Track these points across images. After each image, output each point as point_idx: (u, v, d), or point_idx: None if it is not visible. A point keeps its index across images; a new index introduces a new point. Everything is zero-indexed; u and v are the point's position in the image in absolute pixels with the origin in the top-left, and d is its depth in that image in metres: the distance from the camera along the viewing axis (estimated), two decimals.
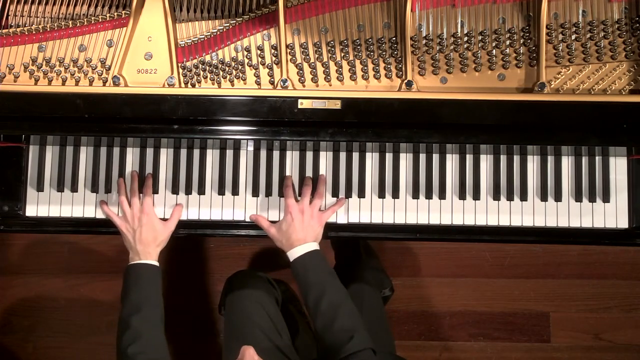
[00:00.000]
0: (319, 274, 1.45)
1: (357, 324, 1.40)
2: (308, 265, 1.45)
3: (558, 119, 1.42)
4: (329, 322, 1.39)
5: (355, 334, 1.36)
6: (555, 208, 1.55)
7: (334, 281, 1.46)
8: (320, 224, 1.51)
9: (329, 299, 1.41)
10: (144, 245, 1.47)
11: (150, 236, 1.48)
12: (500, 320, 2.35)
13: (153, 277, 1.47)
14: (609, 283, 2.36)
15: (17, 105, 1.43)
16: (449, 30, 1.47)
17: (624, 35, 1.46)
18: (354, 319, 1.41)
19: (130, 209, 1.51)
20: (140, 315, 1.39)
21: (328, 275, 1.46)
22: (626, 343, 2.35)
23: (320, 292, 1.41)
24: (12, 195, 1.55)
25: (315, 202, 1.51)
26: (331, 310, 1.39)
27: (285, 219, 1.50)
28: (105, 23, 1.49)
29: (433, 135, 1.44)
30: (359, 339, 1.36)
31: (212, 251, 2.37)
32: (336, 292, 1.44)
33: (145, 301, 1.42)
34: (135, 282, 1.45)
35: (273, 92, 1.46)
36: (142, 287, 1.44)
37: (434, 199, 1.56)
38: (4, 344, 2.36)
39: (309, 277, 1.44)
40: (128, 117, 1.43)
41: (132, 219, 1.50)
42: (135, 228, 1.49)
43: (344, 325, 1.38)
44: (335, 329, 1.38)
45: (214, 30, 1.49)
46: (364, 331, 1.40)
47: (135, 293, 1.43)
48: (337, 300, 1.42)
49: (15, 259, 2.37)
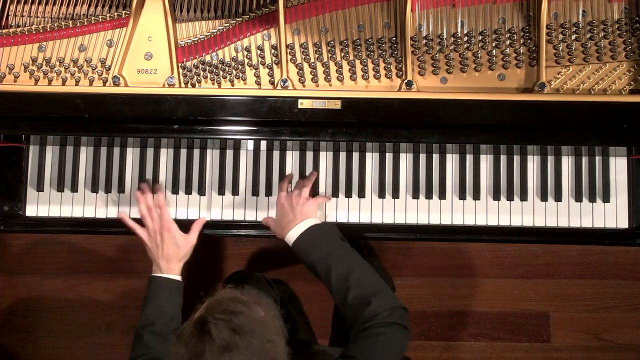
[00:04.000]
0: (318, 250, 1.41)
1: (371, 288, 1.35)
2: (306, 245, 1.42)
3: (558, 119, 1.42)
4: (344, 297, 1.35)
5: (373, 299, 1.32)
6: (555, 208, 1.55)
7: (337, 251, 1.42)
8: (312, 204, 1.48)
9: (336, 273, 1.37)
10: (166, 261, 1.48)
11: (172, 252, 1.48)
12: (500, 320, 2.35)
13: (172, 291, 1.47)
14: (609, 283, 2.35)
15: (17, 105, 1.43)
16: (449, 30, 1.47)
17: (624, 35, 1.46)
18: (369, 283, 1.36)
19: (152, 223, 1.49)
20: (154, 329, 1.41)
21: (328, 246, 1.42)
22: (626, 343, 2.34)
23: (326, 268, 1.38)
24: (12, 195, 1.55)
25: (304, 190, 1.49)
26: (342, 283, 1.36)
27: (277, 210, 1.50)
28: (105, 23, 1.49)
29: (433, 135, 1.45)
30: (376, 303, 1.31)
31: (212, 251, 2.37)
32: (341, 262, 1.39)
33: (160, 315, 1.43)
34: (154, 294, 1.46)
35: (273, 92, 1.46)
36: (159, 300, 1.45)
37: (434, 199, 1.56)
38: (4, 344, 2.35)
39: (311, 258, 1.41)
40: (128, 117, 1.43)
41: (154, 233, 1.49)
42: (158, 244, 1.48)
43: (358, 293, 1.34)
44: (351, 300, 1.34)
45: (214, 30, 1.48)
46: (381, 292, 1.34)
47: (151, 306, 1.45)
48: (345, 271, 1.37)
49: (15, 259, 2.37)
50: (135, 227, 1.51)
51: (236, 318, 1.14)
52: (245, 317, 1.16)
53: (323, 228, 1.46)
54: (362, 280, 1.36)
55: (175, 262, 1.49)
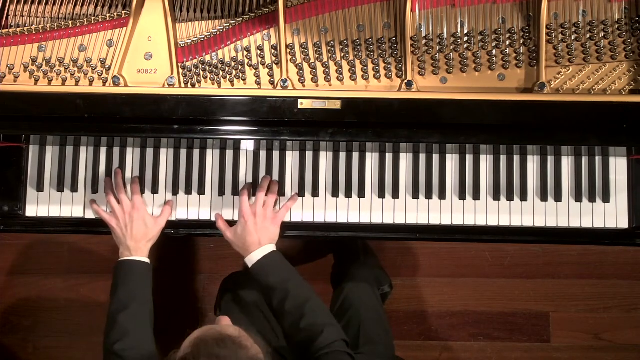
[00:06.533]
0: (279, 274, 1.44)
1: (325, 319, 1.40)
2: (268, 269, 1.44)
3: (558, 119, 1.42)
4: (296, 321, 1.38)
5: (325, 328, 1.36)
6: (555, 208, 1.55)
7: (296, 279, 1.45)
8: (275, 224, 1.50)
9: (293, 298, 1.40)
10: (135, 241, 1.47)
11: (141, 231, 1.48)
12: (500, 320, 2.35)
13: (143, 273, 1.46)
14: (609, 283, 2.35)
15: (17, 105, 1.43)
16: (449, 30, 1.47)
17: (624, 35, 1.46)
18: (323, 314, 1.41)
19: (119, 205, 1.50)
20: (128, 312, 1.39)
21: (289, 274, 1.45)
22: (626, 343, 2.34)
23: (284, 293, 1.41)
24: (12, 195, 1.55)
25: (268, 203, 1.50)
26: (297, 309, 1.39)
27: (239, 223, 1.49)
28: (105, 23, 1.49)
29: (433, 135, 1.44)
30: (329, 332, 1.36)
31: (212, 251, 2.36)
32: (300, 290, 1.43)
33: (133, 298, 1.42)
34: (125, 278, 1.45)
35: (273, 92, 1.46)
36: (131, 284, 1.44)
37: (434, 199, 1.56)
38: (4, 344, 2.35)
39: (270, 280, 1.43)
40: (128, 117, 1.43)
41: (122, 214, 1.49)
42: (127, 223, 1.48)
43: (313, 321, 1.38)
44: (304, 326, 1.37)
45: (214, 30, 1.48)
46: (334, 324, 1.40)
47: (123, 290, 1.43)
48: (302, 298, 1.41)
49: (15, 259, 2.37)
50: (100, 211, 1.51)
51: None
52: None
53: (281, 256, 1.48)
54: (316, 309, 1.41)
55: (144, 243, 1.48)
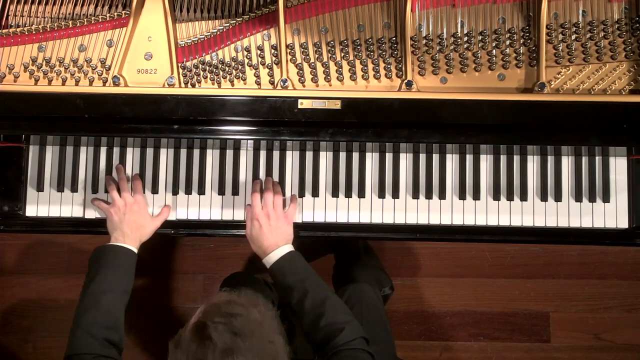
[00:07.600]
0: (297, 274, 1.44)
1: (345, 316, 1.39)
2: (285, 269, 1.44)
3: (558, 119, 1.42)
4: (316, 319, 1.38)
5: (346, 326, 1.36)
6: (555, 208, 1.55)
7: (314, 278, 1.45)
8: (288, 224, 1.50)
9: (312, 297, 1.40)
10: (130, 229, 1.47)
11: (139, 221, 1.48)
12: (500, 320, 2.35)
13: (131, 263, 1.46)
14: (609, 283, 2.36)
15: (17, 105, 1.43)
16: (449, 30, 1.47)
17: (624, 35, 1.46)
18: (342, 311, 1.40)
19: (120, 199, 1.50)
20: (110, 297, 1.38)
21: (307, 273, 1.45)
22: (626, 343, 2.35)
23: (303, 292, 1.41)
24: (12, 195, 1.55)
25: (277, 203, 1.50)
26: (317, 307, 1.39)
27: (253, 226, 1.49)
28: (105, 23, 1.49)
29: (433, 135, 1.44)
30: (350, 330, 1.36)
31: (212, 251, 2.36)
32: (318, 288, 1.43)
33: (118, 284, 1.41)
34: (113, 262, 1.44)
35: (273, 92, 1.46)
36: (118, 270, 1.43)
37: (434, 199, 1.56)
38: (4, 344, 2.35)
39: (289, 280, 1.43)
40: (128, 117, 1.43)
41: (122, 205, 1.49)
42: (126, 212, 1.48)
43: (333, 319, 1.37)
44: (324, 324, 1.37)
45: (214, 30, 1.48)
46: (354, 321, 1.39)
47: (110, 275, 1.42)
48: (321, 296, 1.41)
49: (15, 259, 2.37)
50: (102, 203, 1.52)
51: (235, 320, 1.14)
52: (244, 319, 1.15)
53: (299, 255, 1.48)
54: (336, 307, 1.40)
55: (138, 234, 1.48)
